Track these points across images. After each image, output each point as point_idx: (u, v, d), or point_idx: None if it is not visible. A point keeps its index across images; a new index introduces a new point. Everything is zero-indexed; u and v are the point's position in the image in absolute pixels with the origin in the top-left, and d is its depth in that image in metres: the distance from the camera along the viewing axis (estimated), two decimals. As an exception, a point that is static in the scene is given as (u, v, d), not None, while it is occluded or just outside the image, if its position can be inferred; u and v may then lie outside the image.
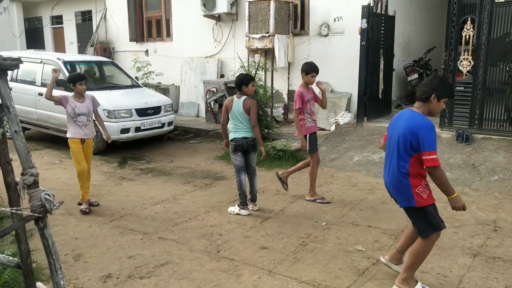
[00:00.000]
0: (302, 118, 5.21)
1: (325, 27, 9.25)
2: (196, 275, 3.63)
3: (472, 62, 6.67)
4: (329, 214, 4.91)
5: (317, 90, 5.41)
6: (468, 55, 6.70)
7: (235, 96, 4.93)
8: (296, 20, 9.68)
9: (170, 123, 8.58)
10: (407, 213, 3.28)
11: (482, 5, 6.51)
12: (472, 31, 6.61)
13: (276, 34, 8.96)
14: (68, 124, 5.08)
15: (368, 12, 7.51)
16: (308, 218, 4.80)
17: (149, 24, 12.52)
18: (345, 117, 8.51)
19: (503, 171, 5.77)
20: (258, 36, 9.12)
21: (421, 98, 3.11)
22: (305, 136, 5.22)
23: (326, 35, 9.30)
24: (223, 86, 9.56)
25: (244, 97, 4.84)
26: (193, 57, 11.25)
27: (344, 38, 9.03)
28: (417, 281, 3.27)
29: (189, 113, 11.16)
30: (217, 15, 10.41)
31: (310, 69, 5.15)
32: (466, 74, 6.83)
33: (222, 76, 10.79)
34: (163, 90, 11.10)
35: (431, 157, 2.96)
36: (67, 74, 8.14)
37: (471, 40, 6.64)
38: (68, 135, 5.10)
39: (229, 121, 4.96)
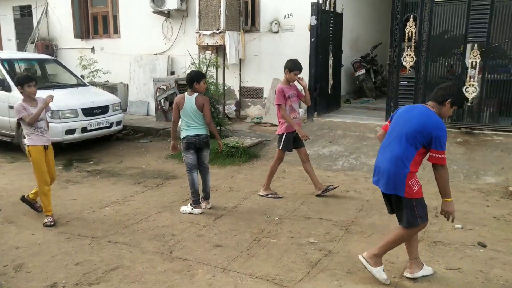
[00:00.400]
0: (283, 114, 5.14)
1: (276, 23, 9.32)
2: (148, 277, 3.54)
3: (415, 58, 6.97)
4: (281, 208, 4.96)
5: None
6: (411, 51, 6.99)
7: (186, 93, 4.85)
8: (247, 17, 9.68)
9: (118, 123, 8.31)
10: (394, 201, 3.33)
11: (423, 3, 6.80)
12: (414, 28, 6.90)
13: (227, 31, 8.91)
14: (26, 132, 4.58)
15: (317, 9, 7.64)
16: (261, 214, 4.82)
17: (95, 20, 12.05)
18: (296, 113, 8.61)
19: (444, 161, 6.08)
20: (208, 33, 9.04)
21: (437, 100, 3.22)
22: (283, 134, 5.18)
23: (276, 32, 9.38)
24: (173, 83, 9.40)
25: (196, 94, 4.78)
26: (142, 54, 10.97)
27: (294, 35, 9.14)
28: (381, 263, 3.39)
29: (139, 111, 10.88)
30: (166, 11, 10.20)
31: (293, 67, 5.08)
32: (409, 69, 7.12)
33: (172, 73, 10.60)
34: (111, 88, 10.74)
35: (440, 155, 3.08)
36: (4, 73, 7.68)
37: (413, 37, 6.93)
38: (28, 142, 4.58)
39: (181, 119, 4.87)
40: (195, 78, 4.78)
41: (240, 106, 10.05)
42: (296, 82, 5.22)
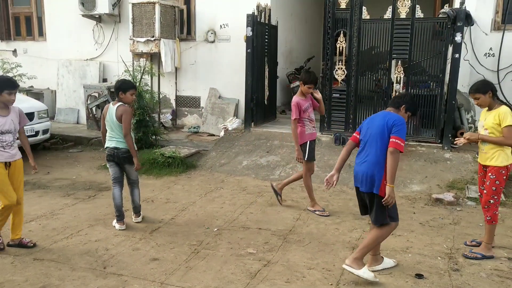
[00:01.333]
0: (302, 126, 5.09)
1: (212, 33, 9.33)
2: (80, 296, 3.34)
3: (346, 72, 7.32)
4: (220, 219, 4.93)
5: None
6: (342, 65, 7.33)
7: (112, 102, 4.65)
8: (182, 25, 9.59)
9: (45, 131, 7.79)
10: (368, 199, 3.56)
11: (352, 20, 7.18)
12: (344, 43, 7.26)
13: (162, 39, 8.76)
14: None
15: (252, 21, 7.76)
16: (200, 225, 4.76)
17: (16, 21, 11.26)
18: (233, 123, 8.66)
19: (373, 169, 6.42)
20: (143, 39, 8.82)
21: (394, 106, 3.66)
22: (306, 143, 5.11)
23: (213, 41, 9.39)
24: (106, 91, 9.03)
25: (119, 104, 4.53)
26: (71, 59, 10.42)
27: (230, 45, 9.21)
28: (364, 264, 3.55)
29: (68, 119, 10.30)
30: (97, 16, 9.81)
31: (308, 80, 4.98)
32: (341, 82, 7.46)
33: (104, 80, 10.18)
34: (36, 94, 10.08)
35: (397, 141, 3.42)
36: None
37: (344, 52, 7.28)
38: None
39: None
40: (121, 87, 4.51)
41: (176, 115, 9.90)
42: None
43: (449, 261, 3.93)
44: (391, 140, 3.44)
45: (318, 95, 5.22)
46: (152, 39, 8.74)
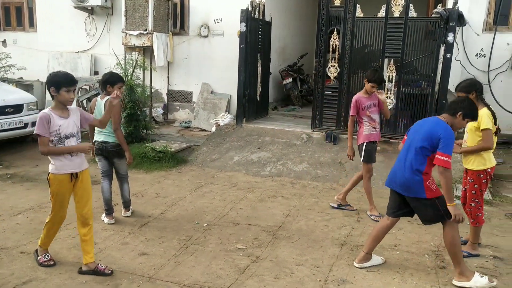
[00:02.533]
0: (361, 126, 4.94)
1: (205, 28, 9.28)
2: (67, 290, 3.31)
3: (338, 69, 7.34)
4: (210, 214, 4.92)
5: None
6: (335, 62, 7.34)
7: (99, 96, 4.59)
8: (176, 19, 9.53)
9: (34, 123, 7.67)
10: (415, 205, 3.51)
11: (345, 18, 7.19)
12: (338, 41, 7.27)
13: (155, 32, 8.70)
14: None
15: (246, 16, 7.74)
16: (189, 220, 4.75)
17: (7, 11, 11.11)
18: (225, 118, 8.64)
19: (364, 167, 6.45)
20: (135, 33, 8.75)
21: (450, 112, 3.47)
22: (362, 144, 4.93)
23: (206, 36, 9.34)
24: (97, 83, 8.94)
25: (107, 97, 4.40)
26: (62, 51, 10.30)
27: (223, 40, 9.18)
28: (474, 272, 3.51)
29: (58, 112, 10.19)
30: (89, 8, 9.71)
31: (372, 79, 4.75)
32: (333, 80, 7.48)
33: (96, 73, 10.10)
34: (26, 86, 9.94)
35: (444, 158, 3.28)
36: None
37: (337, 49, 7.29)
38: (51, 169, 3.48)
39: None
40: (109, 80, 4.43)
41: (168, 110, 9.85)
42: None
43: (436, 258, 3.97)
44: (437, 157, 3.31)
45: (382, 96, 4.96)
46: (145, 32, 8.68)
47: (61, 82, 3.41)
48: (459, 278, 3.48)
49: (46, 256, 3.71)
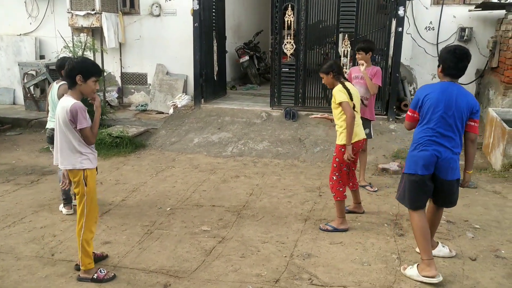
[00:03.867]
0: None
1: (157, 6, 8.97)
2: (27, 285, 3.19)
3: (294, 46, 7.33)
4: (173, 198, 4.87)
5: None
6: (290, 39, 7.33)
7: (55, 81, 4.43)
8: (125, -2, 9.13)
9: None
10: (454, 187, 3.24)
11: (299, -7, 7.16)
12: (292, 17, 7.24)
13: (103, 12, 8.31)
14: (80, 148, 3.20)
15: (199, -6, 7.53)
16: (152, 206, 4.67)
17: None
18: (182, 99, 8.48)
19: (323, 143, 6.57)
20: (82, 13, 8.32)
21: (458, 76, 3.18)
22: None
23: (158, 15, 9.04)
24: (44, 68, 8.50)
25: (62, 82, 4.31)
26: (2, 34, 9.65)
27: (176, 19, 8.92)
28: (436, 243, 3.58)
29: (3, 100, 9.63)
30: (29, -13, 9.10)
31: (356, 47, 5.05)
32: (290, 57, 7.48)
33: (42, 57, 9.56)
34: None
35: (477, 125, 3.17)
36: None
37: (292, 25, 7.27)
38: (87, 165, 3.21)
39: None
40: (63, 65, 4.17)
41: (122, 93, 9.54)
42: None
43: (395, 227, 4.14)
44: (473, 124, 3.14)
45: (362, 68, 4.93)
46: (93, 12, 8.27)
47: (91, 71, 3.14)
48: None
49: (102, 271, 3.30)
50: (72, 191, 4.49)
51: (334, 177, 4.05)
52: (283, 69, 7.56)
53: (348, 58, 7.13)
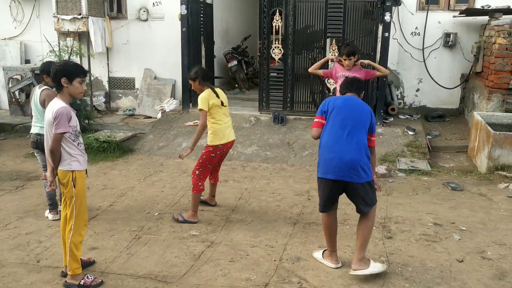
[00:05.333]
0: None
1: (144, 11, 8.94)
2: (12, 293, 3.13)
3: (282, 51, 7.37)
4: (161, 203, 4.83)
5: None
6: (278, 43, 7.36)
7: (37, 86, 4.35)
8: (112, 2, 9.09)
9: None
10: (358, 188, 3.25)
11: (287, -1, 7.21)
12: (280, 22, 7.28)
13: (90, 16, 8.26)
14: (69, 150, 3.16)
15: (187, -2, 7.53)
16: (140, 210, 4.63)
17: None
18: (170, 104, 8.45)
19: (311, 147, 6.59)
20: (69, 17, 8.26)
21: (356, 92, 3.53)
22: None
23: (145, 20, 9.01)
24: (29, 73, 8.39)
25: (44, 88, 4.24)
26: (-14, 38, 9.52)
27: (164, 24, 8.90)
28: (369, 259, 3.37)
29: (-13, 105, 9.47)
30: (14, -10, 9.00)
31: (341, 52, 5.13)
32: (278, 61, 7.51)
33: (27, 61, 9.45)
34: None
35: (374, 138, 3.42)
36: None
37: (280, 30, 7.31)
38: (75, 167, 3.18)
39: None
40: (45, 70, 4.21)
41: (110, 98, 9.47)
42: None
43: (383, 230, 4.17)
44: (371, 138, 3.38)
45: (366, 61, 5.37)
46: (79, 17, 8.21)
47: (74, 72, 3.14)
48: (359, 265, 3.29)
49: (89, 277, 3.27)
50: (58, 197, 4.45)
51: (197, 172, 4.31)
52: (271, 74, 7.58)
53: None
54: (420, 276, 3.37)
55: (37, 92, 4.25)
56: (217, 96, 4.30)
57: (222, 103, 4.33)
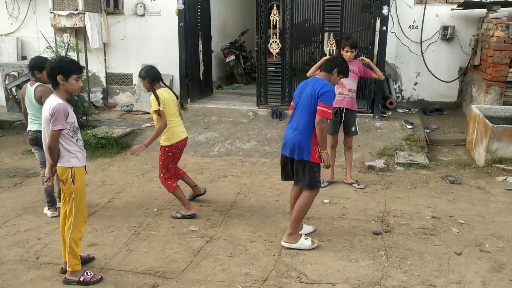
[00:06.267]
0: None
1: (141, 6, 8.90)
2: (11, 290, 3.14)
3: (280, 45, 7.35)
4: (160, 199, 4.83)
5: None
6: (276, 38, 7.34)
7: (29, 83, 4.28)
8: (108, -2, 9.04)
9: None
10: (298, 167, 3.62)
11: (284, -7, 7.17)
12: (278, 17, 7.25)
13: (86, 12, 8.22)
14: (68, 146, 3.16)
15: (183, -7, 7.49)
16: (139, 206, 4.63)
17: None
18: (168, 100, 8.41)
19: (310, 141, 6.59)
20: (65, 13, 8.22)
21: (326, 70, 3.70)
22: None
23: (142, 15, 8.97)
24: (26, 69, 8.31)
25: (37, 84, 4.18)
26: (-18, 35, 9.46)
27: (161, 19, 8.86)
28: (301, 235, 3.71)
29: (-15, 102, 9.42)
30: (10, -14, 8.94)
31: (344, 44, 5.04)
32: (276, 56, 7.49)
33: (24, 58, 9.40)
34: None
35: (324, 109, 3.47)
36: None
37: (278, 25, 7.28)
38: (74, 163, 3.18)
39: None
40: (36, 66, 4.16)
41: (107, 94, 9.44)
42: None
43: (382, 223, 4.18)
44: (319, 108, 3.48)
45: (366, 59, 5.32)
46: (76, 12, 8.16)
47: (70, 69, 3.12)
48: (288, 239, 3.68)
49: (89, 273, 3.28)
50: (57, 193, 4.45)
51: (162, 174, 4.36)
52: (269, 68, 7.57)
53: (334, 57, 7.16)
54: (419, 270, 3.38)
55: (30, 89, 4.19)
56: (175, 94, 4.36)
57: (177, 104, 4.37)
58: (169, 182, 4.33)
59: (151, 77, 4.18)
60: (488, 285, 3.19)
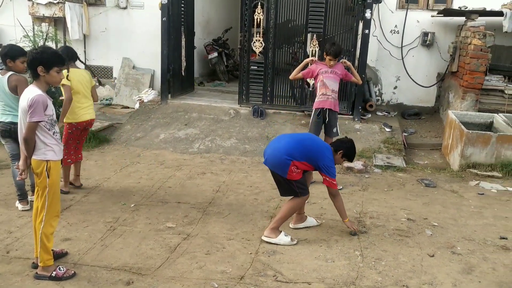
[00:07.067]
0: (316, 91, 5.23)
1: (124, -2, 8.76)
2: (-20, 284, 3.05)
3: (263, 44, 7.35)
4: (137, 194, 4.77)
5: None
6: (259, 37, 7.33)
7: (0, 72, 4.09)
8: (90, -12, 8.86)
9: None
10: (279, 179, 3.83)
11: (269, -9, 7.18)
12: (262, 15, 7.24)
13: (67, 2, 8.06)
14: (44, 139, 3.08)
15: (167, -13, 7.40)
16: (116, 202, 4.56)
17: None
18: (149, 94, 8.33)
19: (290, 141, 6.62)
20: (44, 2, 8.04)
21: (334, 147, 4.02)
22: (314, 111, 5.27)
23: (125, 8, 8.83)
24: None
25: (10, 73, 4.02)
26: (-44, 21, 9.15)
27: (144, 13, 8.75)
28: (281, 231, 3.82)
29: (-43, 90, 9.11)
30: (-14, -28, 8.67)
31: (327, 51, 5.12)
32: (258, 55, 7.48)
33: None
34: None
35: (332, 182, 3.81)
36: None
37: (261, 24, 7.28)
38: (50, 156, 3.10)
39: None
40: (8, 54, 4.00)
41: (86, 86, 9.23)
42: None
43: (358, 224, 4.23)
44: (325, 179, 3.75)
45: (348, 62, 5.48)
46: (55, 2, 7.99)
47: (52, 61, 3.03)
48: (268, 234, 3.80)
49: (61, 268, 3.20)
50: (30, 187, 4.34)
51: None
52: (251, 67, 7.56)
53: (317, 57, 7.20)
54: (393, 270, 3.44)
55: (2, 79, 4.01)
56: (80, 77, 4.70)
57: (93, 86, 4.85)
58: (65, 156, 4.53)
59: (68, 56, 4.47)
60: (459, 287, 3.26)
